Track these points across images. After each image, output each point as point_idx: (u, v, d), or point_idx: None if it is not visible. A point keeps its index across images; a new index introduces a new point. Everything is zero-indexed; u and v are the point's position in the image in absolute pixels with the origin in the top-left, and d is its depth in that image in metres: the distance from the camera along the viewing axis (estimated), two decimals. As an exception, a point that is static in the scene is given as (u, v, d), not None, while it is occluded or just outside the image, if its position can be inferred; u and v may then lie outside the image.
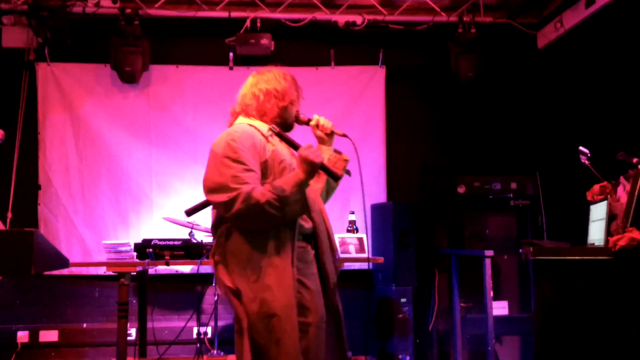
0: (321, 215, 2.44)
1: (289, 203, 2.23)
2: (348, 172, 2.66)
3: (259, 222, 2.24)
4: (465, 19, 5.63)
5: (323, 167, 2.34)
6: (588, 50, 5.22)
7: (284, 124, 2.51)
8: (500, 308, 5.38)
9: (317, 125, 2.55)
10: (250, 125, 2.46)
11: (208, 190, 2.34)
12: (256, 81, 2.57)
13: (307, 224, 2.39)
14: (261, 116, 2.49)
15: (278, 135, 2.40)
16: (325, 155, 2.55)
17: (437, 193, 5.73)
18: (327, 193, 2.62)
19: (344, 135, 2.55)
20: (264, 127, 2.46)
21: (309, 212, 2.37)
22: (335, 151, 2.62)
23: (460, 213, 5.56)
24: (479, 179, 5.55)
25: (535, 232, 5.58)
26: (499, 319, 4.99)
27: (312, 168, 2.27)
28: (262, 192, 2.21)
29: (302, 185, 2.25)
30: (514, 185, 5.63)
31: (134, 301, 4.94)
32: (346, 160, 2.60)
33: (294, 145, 2.39)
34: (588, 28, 5.19)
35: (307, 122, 2.57)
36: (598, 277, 2.93)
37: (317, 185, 2.55)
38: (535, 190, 5.64)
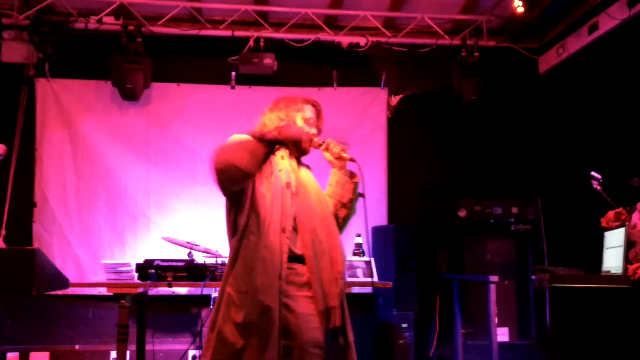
0: (319, 234, 2.41)
1: (227, 149, 2.30)
2: (361, 195, 2.63)
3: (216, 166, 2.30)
4: (468, 42, 5.66)
5: (262, 139, 2.32)
6: (591, 75, 5.24)
7: (295, 146, 2.49)
8: (501, 334, 5.30)
9: (326, 149, 2.54)
10: None
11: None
12: (267, 109, 2.65)
13: (296, 246, 2.39)
14: None
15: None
16: (333, 177, 2.59)
17: (438, 216, 5.68)
18: (341, 210, 2.58)
19: (352, 160, 2.53)
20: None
21: (245, 174, 2.31)
22: (348, 174, 2.60)
23: (460, 237, 5.51)
24: (480, 202, 5.52)
25: (536, 257, 5.54)
26: (499, 345, 4.92)
27: (260, 133, 2.34)
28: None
29: (247, 141, 2.32)
30: (515, 210, 5.60)
31: (130, 323, 4.81)
32: (355, 183, 2.58)
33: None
34: (591, 53, 5.22)
35: (318, 146, 2.56)
36: (616, 306, 2.88)
37: (320, 204, 2.51)
38: (536, 215, 5.62)
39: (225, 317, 2.31)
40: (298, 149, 2.50)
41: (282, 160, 2.49)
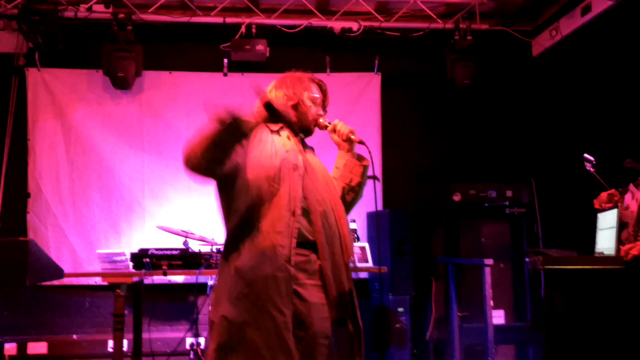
0: (328, 218, 2.28)
1: (193, 144, 2.12)
2: (374, 177, 2.52)
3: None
4: (461, 26, 5.62)
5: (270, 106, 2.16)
6: (584, 57, 5.24)
7: (300, 126, 2.41)
8: (496, 317, 5.33)
9: (333, 130, 2.44)
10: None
11: None
12: (272, 86, 2.52)
13: (307, 230, 2.24)
14: None
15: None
16: (340, 160, 2.47)
17: (433, 200, 5.69)
18: (349, 194, 2.47)
19: (361, 142, 2.45)
20: (276, 126, 2.38)
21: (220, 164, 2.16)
22: (356, 156, 2.50)
23: (455, 221, 5.52)
24: (475, 186, 5.53)
25: (531, 240, 5.56)
26: (495, 328, 4.95)
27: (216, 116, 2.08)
28: None
29: (207, 130, 2.09)
30: (509, 193, 5.60)
31: (125, 311, 4.82)
32: (364, 166, 2.46)
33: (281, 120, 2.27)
34: (584, 35, 5.20)
35: (325, 127, 2.45)
36: (609, 287, 2.90)
37: (330, 185, 2.40)
38: (531, 198, 5.63)
39: (229, 308, 2.15)
40: (303, 129, 2.41)
41: (288, 140, 2.35)
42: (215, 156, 2.13)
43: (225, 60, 5.59)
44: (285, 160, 2.28)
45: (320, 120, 2.44)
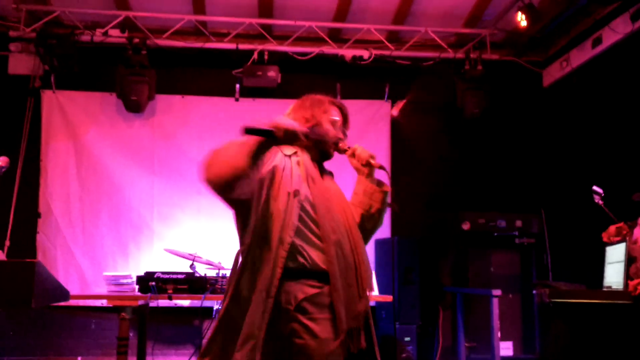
0: (343, 247, 2.17)
1: (219, 153, 2.07)
2: (393, 206, 2.44)
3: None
4: (472, 55, 5.66)
5: (250, 131, 2.02)
6: (595, 88, 5.23)
7: (319, 149, 2.33)
8: (504, 349, 5.26)
9: (352, 154, 2.33)
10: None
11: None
12: (291, 109, 2.42)
13: (319, 259, 2.12)
14: None
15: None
16: (360, 186, 2.36)
17: (442, 229, 5.66)
18: (369, 222, 2.34)
19: (382, 168, 2.32)
20: (288, 148, 2.29)
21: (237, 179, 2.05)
22: (376, 182, 2.36)
23: (464, 250, 5.48)
24: (484, 215, 5.50)
25: (540, 270, 5.51)
26: (502, 359, 4.88)
27: (276, 124, 2.03)
28: None
29: (238, 142, 2.04)
30: (519, 223, 5.57)
31: (131, 334, 4.81)
32: (384, 192, 2.33)
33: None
34: (595, 67, 5.21)
35: (344, 151, 2.34)
36: (617, 321, 2.86)
37: (347, 213, 2.28)
38: (540, 228, 5.59)
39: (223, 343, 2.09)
40: (322, 152, 2.33)
41: (297, 166, 2.23)
42: (241, 163, 2.03)
43: (237, 86, 5.66)
44: (285, 186, 2.16)
45: (340, 144, 2.34)
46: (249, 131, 1.99)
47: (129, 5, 5.40)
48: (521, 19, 5.08)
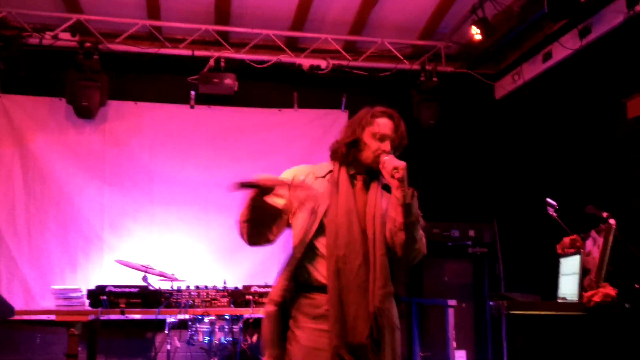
0: (349, 263, 2.14)
1: (239, 221, 2.22)
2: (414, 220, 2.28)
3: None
4: (427, 67, 5.74)
5: (242, 185, 2.08)
6: (545, 101, 5.38)
7: (361, 165, 2.30)
8: (458, 357, 5.32)
9: (382, 167, 2.23)
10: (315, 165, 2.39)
11: None
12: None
13: (322, 273, 2.17)
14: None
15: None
16: (392, 199, 2.24)
17: (397, 238, 5.69)
18: (397, 235, 2.22)
19: (400, 181, 2.18)
20: (325, 168, 2.33)
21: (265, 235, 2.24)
22: (403, 194, 2.22)
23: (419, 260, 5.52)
24: (438, 225, 5.56)
25: (492, 280, 5.61)
26: (457, 368, 4.94)
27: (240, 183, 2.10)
28: None
29: (246, 204, 2.16)
30: (472, 233, 5.67)
31: (80, 348, 4.63)
32: (406, 205, 2.19)
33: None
34: (545, 80, 5.35)
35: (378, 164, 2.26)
36: (571, 332, 2.92)
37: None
38: (493, 238, 5.70)
39: None
40: (365, 168, 2.28)
41: (327, 183, 2.27)
42: (258, 232, 2.23)
43: (193, 93, 5.56)
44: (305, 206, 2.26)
45: (382, 157, 2.23)
46: (242, 185, 2.08)
47: (80, 8, 5.23)
48: (475, 33, 5.18)
